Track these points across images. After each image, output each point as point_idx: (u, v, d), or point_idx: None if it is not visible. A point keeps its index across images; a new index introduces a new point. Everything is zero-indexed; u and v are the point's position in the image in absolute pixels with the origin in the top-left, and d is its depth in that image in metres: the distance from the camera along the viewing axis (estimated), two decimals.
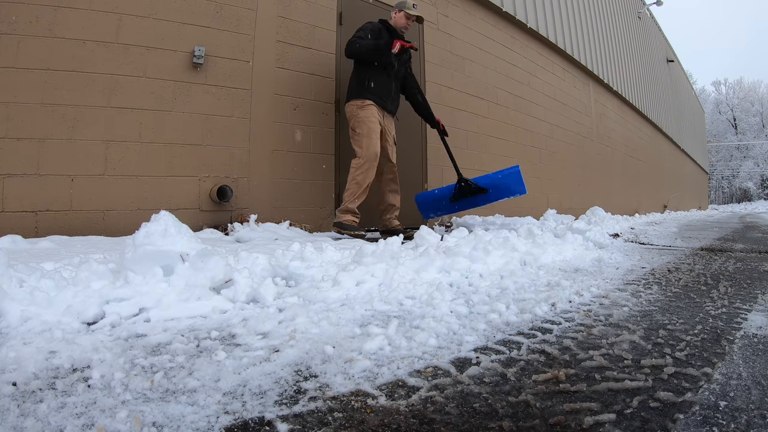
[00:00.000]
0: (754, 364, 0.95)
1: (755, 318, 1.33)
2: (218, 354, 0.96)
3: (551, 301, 1.49)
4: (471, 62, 5.81)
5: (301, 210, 4.01)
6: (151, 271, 1.38)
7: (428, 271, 1.79)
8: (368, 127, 3.62)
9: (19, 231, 2.62)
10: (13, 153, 2.80)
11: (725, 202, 43.68)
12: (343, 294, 1.49)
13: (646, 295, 1.65)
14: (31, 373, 0.85)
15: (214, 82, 3.54)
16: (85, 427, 0.68)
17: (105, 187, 3.07)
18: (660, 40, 14.84)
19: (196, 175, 3.44)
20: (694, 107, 20.42)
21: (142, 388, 0.80)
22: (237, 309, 1.33)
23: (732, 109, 45.47)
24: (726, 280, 1.98)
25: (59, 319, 1.12)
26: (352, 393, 0.81)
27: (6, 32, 2.80)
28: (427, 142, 5.17)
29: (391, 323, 1.16)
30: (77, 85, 2.99)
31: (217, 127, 3.55)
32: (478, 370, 0.92)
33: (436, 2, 5.38)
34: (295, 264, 1.71)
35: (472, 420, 0.72)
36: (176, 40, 3.36)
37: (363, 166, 3.58)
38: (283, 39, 3.95)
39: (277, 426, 0.69)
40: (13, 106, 2.81)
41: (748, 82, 46.14)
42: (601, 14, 9.57)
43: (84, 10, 3.02)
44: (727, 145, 44.51)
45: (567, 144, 7.86)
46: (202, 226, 3.40)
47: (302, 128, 4.05)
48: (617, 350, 1.03)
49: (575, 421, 0.71)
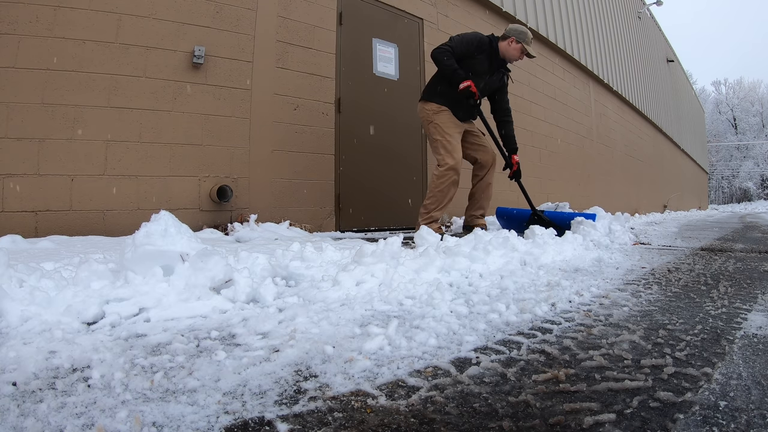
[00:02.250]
0: (754, 364, 0.95)
1: (755, 318, 1.33)
2: (218, 354, 0.96)
3: (551, 301, 1.49)
4: None
5: (301, 210, 4.01)
6: (151, 271, 1.38)
7: (428, 271, 1.79)
8: (447, 132, 3.48)
9: (19, 231, 2.62)
10: (13, 153, 2.80)
11: (725, 202, 43.68)
12: (343, 294, 1.49)
13: (646, 295, 1.65)
14: (31, 372, 0.85)
15: (214, 82, 3.54)
16: (85, 427, 0.68)
17: (105, 187, 3.07)
18: (660, 40, 14.84)
19: (196, 175, 3.44)
20: (694, 107, 20.42)
21: (142, 388, 0.80)
22: (237, 309, 1.33)
23: (732, 109, 45.47)
24: (726, 280, 1.98)
25: (59, 319, 1.13)
26: (352, 393, 0.81)
27: (6, 32, 2.80)
28: (427, 143, 5.17)
29: (391, 323, 1.16)
30: (77, 85, 3.00)
31: (217, 127, 3.55)
32: (478, 370, 0.92)
33: (436, 2, 5.38)
34: (295, 264, 1.71)
35: (472, 420, 0.72)
36: (176, 40, 3.36)
37: (445, 175, 3.43)
38: (283, 39, 3.95)
39: (277, 426, 0.69)
40: (13, 106, 2.81)
41: (748, 82, 46.17)
42: (601, 14, 9.57)
43: (84, 10, 3.02)
44: (727, 145, 44.52)
45: (567, 144, 7.86)
46: (202, 226, 3.40)
47: (302, 128, 4.05)
48: (617, 350, 1.03)
49: (575, 421, 0.71)
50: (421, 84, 5.14)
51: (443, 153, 3.47)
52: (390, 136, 4.79)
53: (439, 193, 3.46)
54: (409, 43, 5.06)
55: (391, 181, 4.79)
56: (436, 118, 3.52)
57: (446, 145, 3.47)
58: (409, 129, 5.00)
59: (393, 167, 4.81)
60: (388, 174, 4.76)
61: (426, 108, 3.58)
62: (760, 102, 44.64)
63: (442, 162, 3.47)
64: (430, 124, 3.56)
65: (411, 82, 5.03)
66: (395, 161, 4.83)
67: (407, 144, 4.99)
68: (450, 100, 3.51)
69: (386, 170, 4.75)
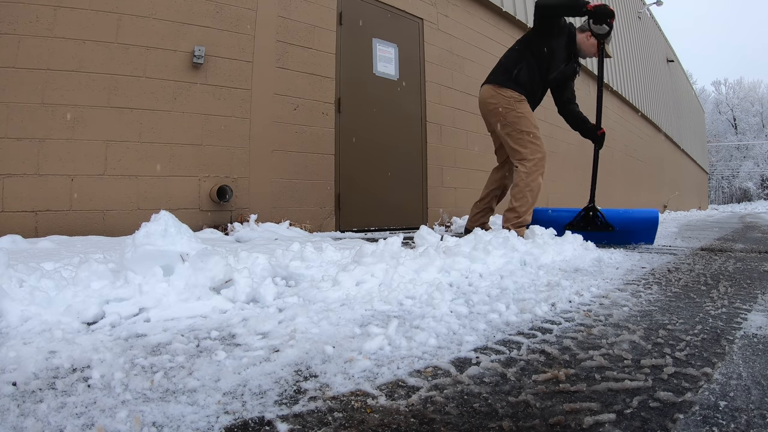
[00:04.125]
0: (754, 364, 0.95)
1: (755, 318, 1.33)
2: (218, 354, 0.96)
3: (551, 301, 1.49)
4: (471, 62, 5.81)
5: (301, 210, 4.01)
6: (151, 271, 1.38)
7: (428, 271, 1.79)
8: (534, 125, 3.22)
9: (19, 231, 2.62)
10: (13, 153, 2.80)
11: (725, 202, 43.69)
12: (343, 294, 1.49)
13: (646, 295, 1.65)
14: (31, 372, 0.85)
15: (214, 82, 3.54)
16: (85, 427, 0.68)
17: (105, 187, 3.07)
18: (660, 40, 14.84)
19: (196, 175, 3.44)
20: (694, 107, 20.42)
21: (142, 388, 0.80)
22: (237, 309, 1.33)
23: (732, 109, 45.48)
24: (726, 280, 1.98)
25: (59, 319, 1.12)
26: (352, 393, 0.81)
27: (6, 32, 2.80)
28: (427, 143, 5.17)
29: (391, 323, 1.16)
30: (77, 85, 3.00)
31: (217, 127, 3.55)
32: (478, 370, 0.92)
33: (436, 2, 5.38)
34: (295, 264, 1.71)
35: (472, 420, 0.72)
36: (176, 40, 3.36)
37: (535, 170, 3.16)
38: (283, 39, 3.95)
39: (277, 426, 0.69)
40: (13, 106, 2.81)
41: (748, 82, 46.19)
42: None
43: (84, 10, 3.02)
44: (727, 145, 44.52)
45: (567, 144, 7.86)
46: (202, 226, 3.40)
47: (302, 128, 4.05)
48: (617, 350, 1.03)
49: (575, 421, 0.71)
50: (421, 84, 5.14)
51: (531, 146, 3.17)
52: (390, 136, 4.79)
53: (529, 193, 3.14)
54: (409, 43, 5.06)
55: (391, 181, 4.79)
56: (519, 107, 3.20)
57: (534, 140, 3.19)
58: (409, 129, 5.00)
59: (393, 167, 4.82)
60: (388, 174, 4.76)
61: (503, 94, 3.23)
62: (760, 102, 44.64)
63: (530, 156, 3.16)
64: (510, 113, 3.21)
65: (411, 82, 5.03)
66: (395, 161, 4.84)
67: (407, 144, 4.99)
68: (527, 89, 3.25)
69: (386, 170, 4.75)
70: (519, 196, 3.17)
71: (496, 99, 3.26)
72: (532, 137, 3.20)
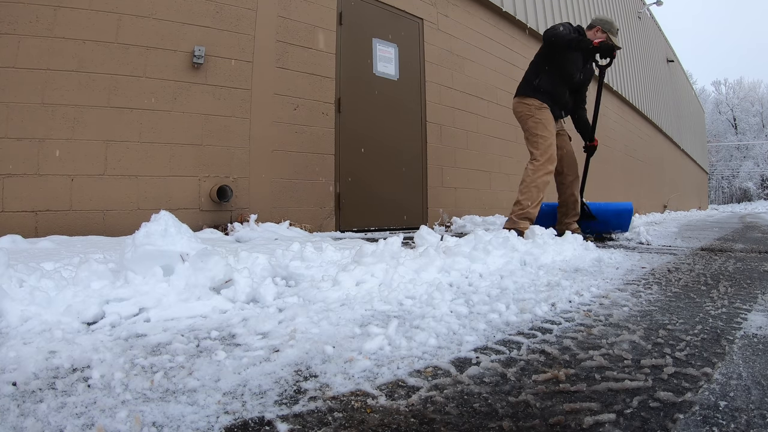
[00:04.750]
0: (754, 364, 0.95)
1: (755, 318, 1.33)
2: (218, 354, 0.96)
3: (551, 301, 1.49)
4: (471, 62, 5.81)
5: (301, 210, 4.01)
6: (151, 271, 1.38)
7: (428, 271, 1.79)
8: (550, 131, 3.46)
9: (19, 231, 2.62)
10: (13, 153, 2.80)
11: (725, 202, 43.69)
12: (343, 294, 1.49)
13: (646, 295, 1.65)
14: (31, 372, 0.85)
15: (214, 82, 3.54)
16: (85, 427, 0.68)
17: (105, 187, 3.07)
18: (660, 40, 14.84)
19: (196, 175, 3.44)
20: (694, 107, 20.42)
21: (142, 388, 0.80)
22: (237, 309, 1.33)
23: (732, 109, 45.48)
24: (726, 280, 1.98)
25: (59, 319, 1.12)
26: (352, 393, 0.81)
27: (6, 32, 2.80)
28: (427, 143, 5.17)
29: (391, 323, 1.16)
30: (77, 85, 3.00)
31: (217, 127, 3.55)
32: (478, 370, 0.92)
33: (436, 2, 5.38)
34: (295, 264, 1.71)
35: (472, 420, 0.72)
36: (176, 40, 3.36)
37: (541, 169, 3.38)
38: (283, 39, 3.95)
39: (277, 426, 0.69)
40: (13, 106, 2.81)
41: (748, 82, 46.19)
42: (601, 14, 9.56)
43: (84, 10, 3.02)
44: (727, 145, 44.52)
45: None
46: (202, 226, 3.40)
47: (302, 128, 4.05)
48: (617, 350, 1.03)
49: (575, 421, 0.71)
50: (421, 84, 5.14)
51: (541, 149, 3.41)
52: (390, 136, 4.79)
53: (534, 188, 3.34)
54: (409, 43, 5.06)
55: (391, 181, 4.79)
56: (538, 114, 3.46)
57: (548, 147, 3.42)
58: (409, 129, 5.00)
59: (393, 167, 4.82)
60: (388, 174, 4.76)
61: (526, 102, 3.53)
62: (760, 102, 44.64)
63: (539, 156, 3.40)
64: (530, 119, 3.49)
65: (411, 82, 5.03)
66: (395, 161, 4.84)
67: (407, 144, 4.99)
68: (549, 96, 3.49)
69: (386, 170, 4.75)
70: (525, 191, 3.40)
71: (520, 108, 3.59)
72: (546, 143, 3.45)
